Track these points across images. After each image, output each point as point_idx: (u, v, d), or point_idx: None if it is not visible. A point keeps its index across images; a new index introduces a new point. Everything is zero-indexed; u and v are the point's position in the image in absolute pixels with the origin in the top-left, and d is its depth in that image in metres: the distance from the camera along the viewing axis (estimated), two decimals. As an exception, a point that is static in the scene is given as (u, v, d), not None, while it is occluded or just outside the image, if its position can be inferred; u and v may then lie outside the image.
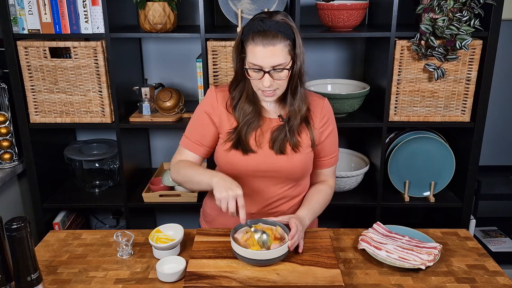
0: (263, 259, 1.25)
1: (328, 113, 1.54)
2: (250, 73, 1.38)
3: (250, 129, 1.45)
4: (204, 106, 1.53)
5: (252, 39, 1.33)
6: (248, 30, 1.35)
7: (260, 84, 1.37)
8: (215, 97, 1.51)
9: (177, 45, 2.38)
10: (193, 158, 1.52)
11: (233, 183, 1.32)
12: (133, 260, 1.37)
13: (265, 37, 1.31)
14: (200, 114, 1.53)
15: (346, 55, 2.41)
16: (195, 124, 1.54)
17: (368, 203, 2.18)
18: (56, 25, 1.95)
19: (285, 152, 1.46)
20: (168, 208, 2.61)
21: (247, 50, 1.36)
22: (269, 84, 1.35)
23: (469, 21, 1.85)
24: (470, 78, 1.99)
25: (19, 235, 1.01)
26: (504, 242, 2.49)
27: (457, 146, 2.17)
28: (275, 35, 1.31)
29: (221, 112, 1.50)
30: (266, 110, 1.50)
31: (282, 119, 1.47)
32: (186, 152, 1.52)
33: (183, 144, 1.54)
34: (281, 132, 1.46)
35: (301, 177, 1.53)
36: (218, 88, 1.54)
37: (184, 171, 1.46)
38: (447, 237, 1.51)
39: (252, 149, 1.46)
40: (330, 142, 1.55)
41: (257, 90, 1.41)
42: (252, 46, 1.33)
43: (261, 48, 1.31)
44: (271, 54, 1.32)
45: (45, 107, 2.06)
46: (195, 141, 1.51)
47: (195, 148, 1.52)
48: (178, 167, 1.49)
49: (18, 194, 2.22)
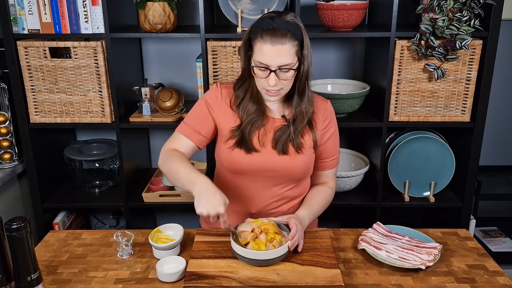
0: (263, 259, 1.25)
1: (331, 115, 1.54)
2: (256, 71, 1.37)
3: (253, 128, 1.45)
4: (206, 97, 1.52)
5: (261, 36, 1.32)
6: (257, 28, 1.35)
7: (265, 83, 1.37)
8: (220, 92, 1.51)
9: (177, 45, 2.38)
10: (187, 145, 1.48)
11: (216, 197, 1.26)
12: (133, 260, 1.37)
13: (274, 35, 1.31)
14: (201, 104, 1.52)
15: (346, 55, 2.41)
16: (194, 112, 1.52)
17: (368, 203, 2.18)
18: (56, 25, 1.95)
19: (288, 153, 1.46)
20: (168, 208, 2.61)
21: (255, 48, 1.35)
22: (274, 83, 1.35)
23: (469, 21, 1.85)
24: (470, 78, 1.99)
25: (19, 235, 1.01)
26: (504, 242, 2.49)
27: (457, 146, 2.17)
28: (284, 34, 1.31)
29: (224, 108, 1.49)
30: (270, 110, 1.50)
31: (285, 119, 1.47)
32: (181, 138, 1.48)
33: (180, 130, 1.50)
34: (284, 133, 1.45)
35: (302, 178, 1.53)
36: (223, 84, 1.54)
37: (170, 164, 1.40)
38: (447, 237, 1.51)
39: (256, 148, 1.46)
40: (332, 144, 1.55)
41: (261, 89, 1.41)
42: (261, 44, 1.33)
43: (269, 46, 1.31)
44: (279, 53, 1.31)
45: (45, 107, 2.06)
46: (193, 128, 1.49)
47: (192, 135, 1.48)
48: (167, 156, 1.44)
49: (18, 194, 2.22)
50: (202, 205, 1.25)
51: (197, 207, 1.26)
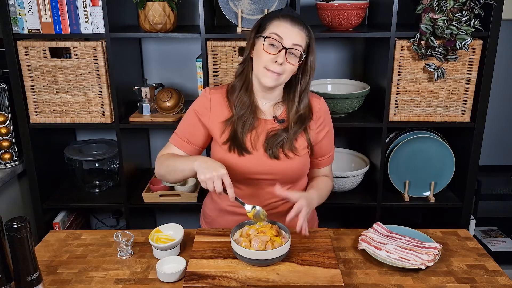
0: (263, 259, 1.25)
1: (324, 114, 1.54)
2: (266, 46, 1.38)
3: (245, 129, 1.45)
4: (194, 106, 1.54)
5: (280, 18, 1.39)
6: (275, 13, 1.42)
7: (271, 62, 1.37)
8: (209, 99, 1.51)
9: (177, 45, 2.38)
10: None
11: (216, 163, 1.32)
12: (133, 260, 1.37)
13: (293, 19, 1.39)
14: (190, 113, 1.54)
15: (346, 55, 2.41)
16: (184, 122, 1.55)
17: (368, 203, 2.18)
18: (56, 25, 1.95)
19: (279, 157, 1.46)
20: (168, 208, 2.61)
21: (270, 26, 1.40)
22: (282, 60, 1.37)
23: (469, 21, 1.85)
24: (470, 78, 1.99)
25: (19, 235, 1.01)
26: (504, 242, 2.49)
27: (457, 146, 2.17)
28: (302, 23, 1.40)
29: (215, 110, 1.49)
30: (261, 111, 1.49)
31: (277, 120, 1.47)
32: (173, 148, 1.54)
33: (172, 140, 1.55)
34: (277, 139, 1.45)
35: (298, 178, 1.53)
36: (212, 90, 1.54)
37: (167, 162, 1.47)
38: (447, 237, 1.51)
39: (248, 150, 1.46)
40: (327, 142, 1.56)
41: (262, 69, 1.40)
42: (279, 22, 1.39)
43: (289, 25, 1.38)
44: (296, 33, 1.38)
45: (45, 107, 2.06)
46: (183, 138, 1.52)
47: (183, 145, 1.53)
48: (162, 160, 1.51)
49: (18, 194, 2.22)
50: (203, 172, 1.30)
51: (200, 175, 1.30)
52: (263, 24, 1.42)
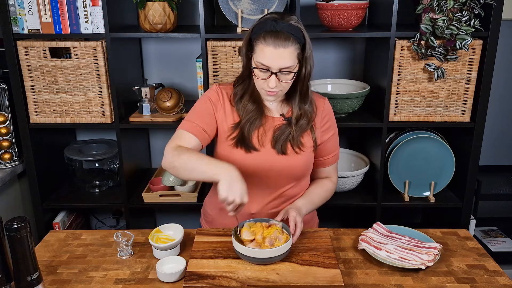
0: (264, 257, 1.25)
1: (329, 113, 1.55)
2: (256, 72, 1.37)
3: (253, 127, 1.45)
4: (209, 95, 1.51)
5: (264, 38, 1.31)
6: (259, 29, 1.34)
7: (265, 84, 1.37)
8: (220, 93, 1.51)
9: (177, 45, 2.38)
10: (191, 143, 1.42)
11: (242, 187, 1.25)
12: (133, 260, 1.37)
13: (277, 37, 1.30)
14: (205, 102, 1.49)
15: (346, 55, 2.41)
16: (198, 110, 1.49)
17: (368, 203, 2.18)
18: (56, 25, 1.95)
19: (287, 153, 1.46)
20: (168, 208, 2.61)
21: (257, 49, 1.34)
22: (274, 85, 1.35)
23: (469, 21, 1.85)
24: (470, 78, 1.99)
25: (19, 235, 1.01)
26: (504, 242, 2.49)
27: (457, 146, 2.16)
28: (287, 37, 1.31)
29: (225, 108, 1.49)
30: (268, 109, 1.50)
31: (284, 118, 1.48)
32: (186, 135, 1.42)
33: (185, 127, 1.44)
34: (284, 132, 1.46)
35: (301, 177, 1.54)
36: (222, 86, 1.53)
37: (188, 156, 1.34)
38: (447, 237, 1.51)
39: (255, 147, 1.46)
40: (332, 141, 1.56)
41: (261, 90, 1.41)
42: (263, 46, 1.32)
43: (272, 48, 1.31)
44: (281, 56, 1.31)
45: (45, 107, 2.06)
46: (198, 125, 1.44)
47: (197, 132, 1.43)
48: (180, 151, 1.36)
49: (18, 194, 2.22)
50: (230, 190, 1.22)
51: (223, 191, 1.22)
52: (252, 40, 1.37)
